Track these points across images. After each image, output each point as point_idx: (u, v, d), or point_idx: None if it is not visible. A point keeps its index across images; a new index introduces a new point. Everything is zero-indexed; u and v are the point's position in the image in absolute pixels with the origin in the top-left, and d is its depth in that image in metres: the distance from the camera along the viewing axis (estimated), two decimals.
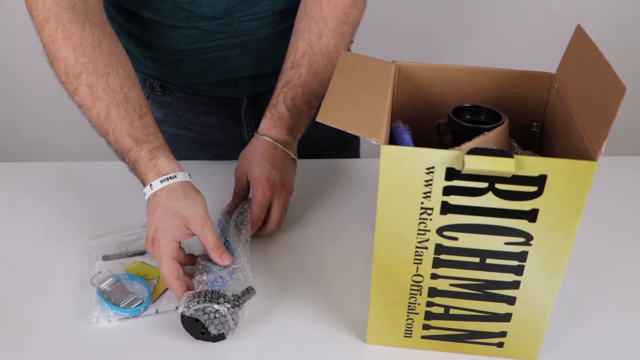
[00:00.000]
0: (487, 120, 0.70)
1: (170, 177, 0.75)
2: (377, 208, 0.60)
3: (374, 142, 0.56)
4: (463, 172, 0.56)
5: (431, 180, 0.57)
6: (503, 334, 0.67)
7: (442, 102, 0.75)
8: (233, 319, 0.69)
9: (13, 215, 0.92)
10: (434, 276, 0.64)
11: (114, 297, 0.74)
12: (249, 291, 0.72)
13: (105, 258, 0.81)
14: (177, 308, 0.70)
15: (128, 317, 0.73)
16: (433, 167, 0.57)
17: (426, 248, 0.62)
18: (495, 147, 0.57)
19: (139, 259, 0.81)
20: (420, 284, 0.65)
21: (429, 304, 0.66)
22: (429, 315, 0.67)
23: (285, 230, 0.89)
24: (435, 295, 0.66)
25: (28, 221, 0.91)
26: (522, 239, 0.60)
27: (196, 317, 0.68)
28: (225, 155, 1.03)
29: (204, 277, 0.73)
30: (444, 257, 0.63)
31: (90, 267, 0.80)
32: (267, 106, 0.88)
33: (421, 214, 0.60)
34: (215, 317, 0.68)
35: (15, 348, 0.70)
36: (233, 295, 0.71)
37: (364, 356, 0.70)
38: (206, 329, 0.69)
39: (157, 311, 0.74)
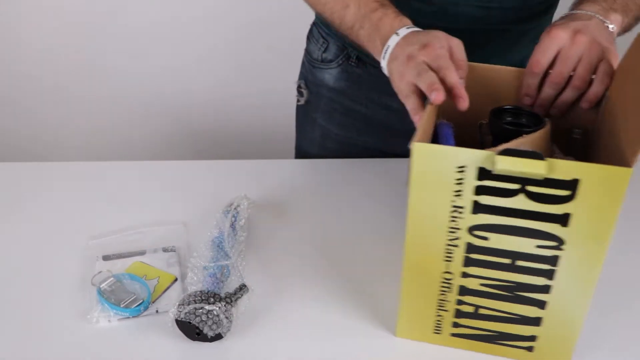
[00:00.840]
0: (528, 124, 0.69)
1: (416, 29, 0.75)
2: (408, 204, 0.61)
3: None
4: (494, 172, 0.56)
5: (462, 179, 0.58)
6: (533, 337, 0.67)
7: (488, 102, 0.75)
8: (227, 317, 0.68)
9: (13, 215, 0.91)
10: (465, 275, 0.65)
11: (114, 297, 0.74)
12: (241, 288, 0.72)
13: (106, 258, 0.81)
14: (169, 312, 0.70)
15: (128, 317, 0.73)
16: (464, 167, 0.57)
17: (457, 246, 0.63)
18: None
19: (139, 259, 0.81)
20: (450, 281, 0.66)
21: (459, 302, 0.67)
22: (458, 314, 0.68)
23: (285, 229, 0.89)
24: (465, 293, 0.66)
25: (28, 221, 0.90)
26: (553, 243, 0.60)
27: (188, 320, 0.68)
28: (380, 145, 0.99)
29: (195, 278, 0.73)
30: (474, 256, 0.63)
31: (90, 267, 0.80)
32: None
33: (452, 211, 0.61)
34: (208, 318, 0.68)
35: (15, 348, 0.70)
36: (225, 294, 0.71)
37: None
38: (200, 330, 0.69)
39: (157, 311, 0.74)
